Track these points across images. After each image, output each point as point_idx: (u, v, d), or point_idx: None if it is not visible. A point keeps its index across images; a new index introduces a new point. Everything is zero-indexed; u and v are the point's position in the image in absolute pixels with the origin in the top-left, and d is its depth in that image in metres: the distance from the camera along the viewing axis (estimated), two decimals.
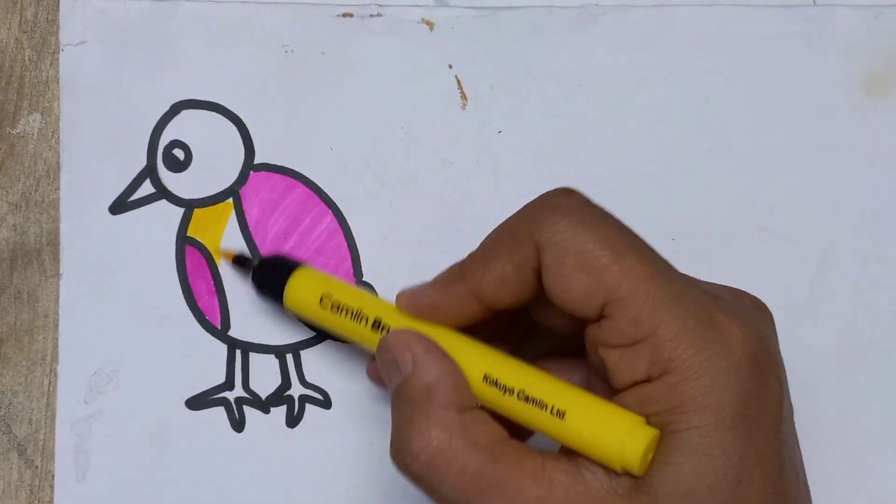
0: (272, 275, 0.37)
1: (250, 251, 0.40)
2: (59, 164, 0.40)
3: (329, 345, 0.40)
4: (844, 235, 0.41)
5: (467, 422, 0.30)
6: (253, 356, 0.40)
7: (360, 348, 0.35)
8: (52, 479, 0.39)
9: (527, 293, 0.32)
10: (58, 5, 0.41)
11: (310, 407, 0.39)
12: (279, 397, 0.39)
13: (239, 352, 0.40)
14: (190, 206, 0.40)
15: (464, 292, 0.32)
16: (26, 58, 0.41)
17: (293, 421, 0.39)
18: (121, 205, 0.40)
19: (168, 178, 0.41)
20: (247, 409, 0.39)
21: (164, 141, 0.41)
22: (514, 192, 0.40)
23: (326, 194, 0.40)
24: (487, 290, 0.32)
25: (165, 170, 0.41)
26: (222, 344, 0.40)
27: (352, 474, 0.39)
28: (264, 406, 0.39)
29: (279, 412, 0.39)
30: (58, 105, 0.41)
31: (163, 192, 0.40)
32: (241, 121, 0.41)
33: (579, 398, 0.31)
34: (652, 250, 0.31)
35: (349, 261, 0.40)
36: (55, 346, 0.39)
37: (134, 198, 0.40)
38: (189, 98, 0.41)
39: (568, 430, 0.30)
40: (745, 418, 0.29)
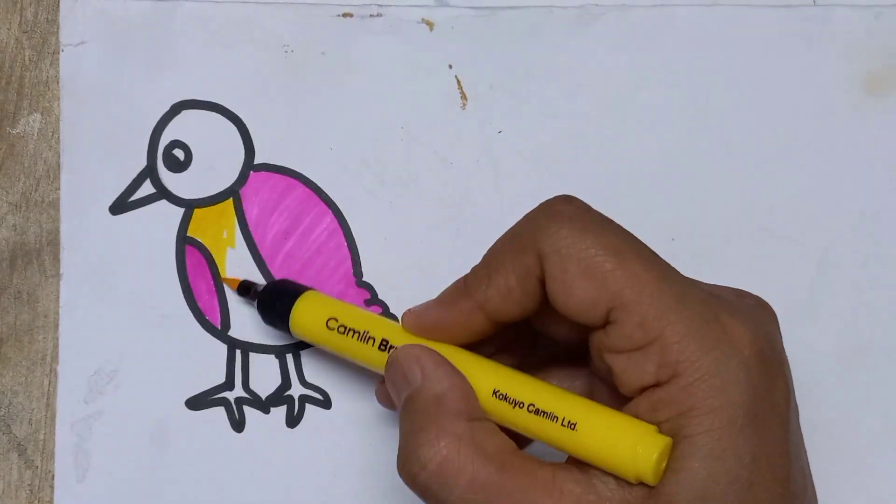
0: (277, 301, 0.37)
1: (250, 251, 0.40)
2: (59, 164, 0.40)
3: None
4: (844, 235, 0.40)
5: (477, 432, 0.30)
6: (253, 356, 0.40)
7: (369, 369, 0.35)
8: (52, 479, 0.39)
9: (532, 304, 0.31)
10: (58, 5, 0.41)
11: (310, 407, 0.39)
12: (279, 397, 0.39)
13: (239, 352, 0.40)
14: (190, 206, 0.40)
15: (469, 307, 0.32)
16: (26, 58, 0.41)
17: (293, 421, 0.39)
18: (121, 205, 0.40)
19: (168, 178, 0.40)
20: (247, 409, 0.39)
21: (165, 141, 0.41)
22: (514, 192, 0.40)
23: (326, 194, 0.40)
24: (492, 303, 0.32)
25: (165, 170, 0.41)
26: (222, 344, 0.40)
27: (351, 474, 0.39)
28: (264, 406, 0.39)
29: (279, 412, 0.39)
30: (58, 105, 0.41)
31: (163, 192, 0.40)
32: (241, 121, 0.41)
33: (590, 409, 0.31)
34: (654, 254, 0.31)
35: (349, 261, 0.40)
36: (55, 346, 0.39)
37: (134, 198, 0.40)
38: (189, 98, 0.41)
39: (580, 441, 0.30)
40: (756, 417, 0.28)
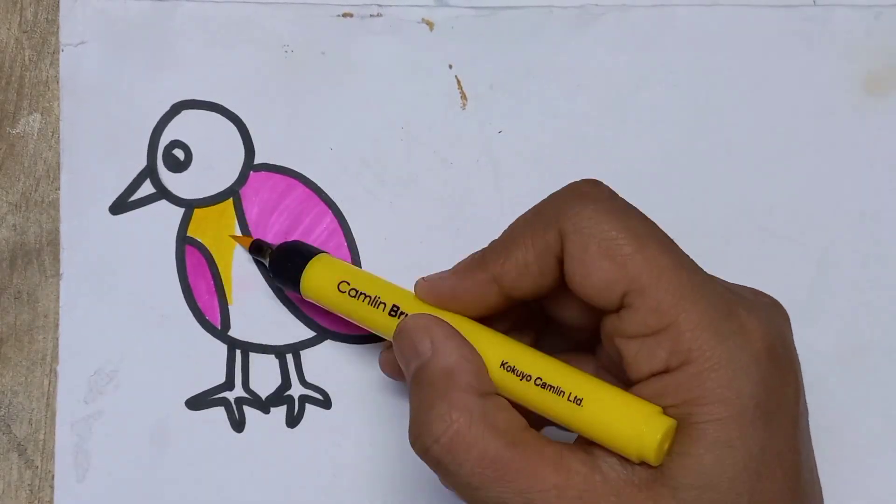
0: (289, 262, 0.37)
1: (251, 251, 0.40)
2: (59, 164, 0.40)
3: (329, 345, 0.40)
4: (844, 235, 0.41)
5: (488, 407, 0.30)
6: (253, 356, 0.40)
7: (377, 334, 0.35)
8: (52, 479, 0.39)
9: (547, 282, 0.31)
10: (58, 5, 0.41)
11: (310, 407, 0.39)
12: (279, 397, 0.39)
13: (239, 352, 0.40)
14: (190, 206, 0.40)
15: (484, 279, 0.32)
16: (26, 58, 0.41)
17: (293, 421, 0.39)
18: (121, 205, 0.40)
19: (168, 178, 0.40)
20: (247, 409, 0.39)
21: (165, 141, 0.41)
22: (514, 192, 0.40)
23: (326, 194, 0.40)
24: (508, 277, 0.32)
25: (165, 170, 0.41)
26: (222, 344, 0.40)
27: (351, 474, 0.39)
28: (264, 406, 0.39)
29: (279, 412, 0.39)
30: (58, 105, 0.41)
31: (163, 193, 0.40)
32: (241, 121, 0.41)
33: (597, 386, 0.31)
34: (674, 243, 0.31)
35: (349, 261, 0.40)
36: (55, 346, 0.39)
37: (134, 198, 0.40)
38: (189, 98, 0.41)
39: (585, 418, 0.30)
40: (766, 412, 0.28)
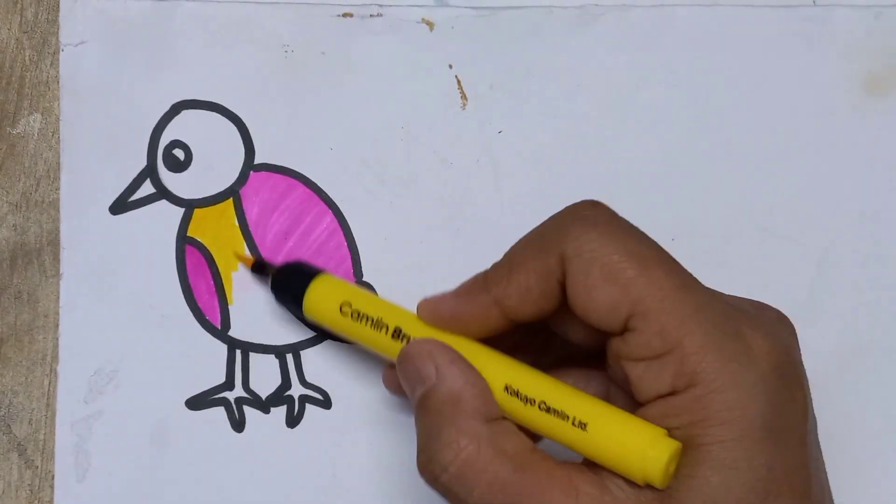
0: (291, 282, 0.37)
1: (251, 251, 0.40)
2: (59, 164, 0.40)
3: (329, 345, 0.40)
4: (844, 235, 0.41)
5: (495, 432, 0.30)
6: (253, 356, 0.40)
7: (380, 357, 0.35)
8: (52, 479, 0.39)
9: (550, 305, 0.31)
10: (58, 5, 0.41)
11: (310, 407, 0.39)
12: (279, 397, 0.39)
13: (239, 352, 0.40)
14: (190, 206, 0.40)
15: (486, 302, 0.32)
16: (26, 58, 0.41)
17: (293, 421, 0.39)
18: (121, 205, 0.40)
19: (168, 178, 0.40)
20: (247, 409, 0.39)
21: (165, 141, 0.41)
22: (514, 192, 0.40)
23: (326, 194, 0.40)
24: (510, 300, 0.31)
25: (165, 170, 0.41)
26: (222, 344, 0.40)
27: (352, 474, 0.39)
28: (264, 406, 0.39)
29: (279, 412, 0.39)
30: (58, 105, 0.41)
31: (163, 192, 0.40)
32: (241, 121, 0.41)
33: (601, 410, 0.30)
34: (677, 263, 0.31)
35: (349, 261, 0.40)
36: (55, 346, 0.39)
37: (134, 198, 0.40)
38: (189, 98, 0.41)
39: (590, 441, 0.30)
40: (773, 431, 0.28)
